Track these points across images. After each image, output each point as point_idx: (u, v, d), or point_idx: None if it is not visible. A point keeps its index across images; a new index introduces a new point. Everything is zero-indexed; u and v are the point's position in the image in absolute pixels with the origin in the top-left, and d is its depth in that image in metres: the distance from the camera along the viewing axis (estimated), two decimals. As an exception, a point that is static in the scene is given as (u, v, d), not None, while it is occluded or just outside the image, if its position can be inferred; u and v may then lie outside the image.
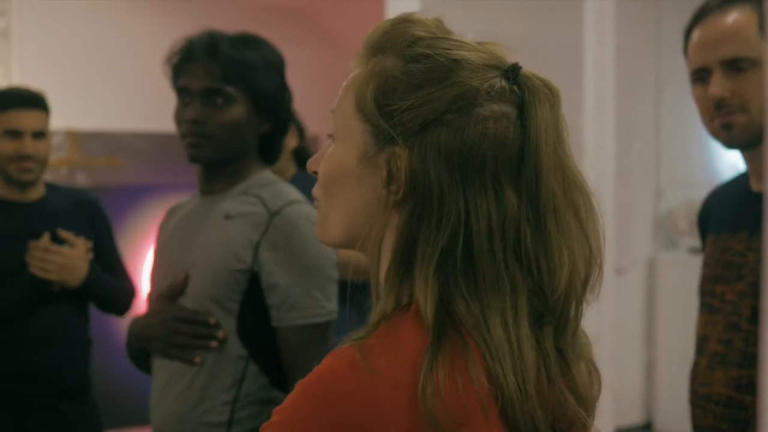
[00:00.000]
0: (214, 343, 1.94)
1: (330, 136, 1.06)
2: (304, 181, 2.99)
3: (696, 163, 5.89)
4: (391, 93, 0.99)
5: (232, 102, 2.02)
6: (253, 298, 1.95)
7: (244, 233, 1.95)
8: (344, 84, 1.04)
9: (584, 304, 1.02)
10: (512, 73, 1.00)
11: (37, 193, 2.95)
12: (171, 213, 2.20)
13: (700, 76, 1.82)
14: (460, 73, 0.98)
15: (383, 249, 0.99)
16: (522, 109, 0.98)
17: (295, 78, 2.98)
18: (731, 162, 5.29)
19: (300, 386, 0.93)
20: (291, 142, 3.02)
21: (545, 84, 1.00)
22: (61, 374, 2.88)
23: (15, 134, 2.86)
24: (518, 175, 0.97)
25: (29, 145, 2.86)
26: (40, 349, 2.83)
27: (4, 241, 2.85)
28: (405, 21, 1.04)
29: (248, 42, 2.07)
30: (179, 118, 2.05)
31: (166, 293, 2.00)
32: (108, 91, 4.82)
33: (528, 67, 1.02)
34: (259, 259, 1.93)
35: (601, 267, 1.02)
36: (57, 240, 2.88)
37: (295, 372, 1.92)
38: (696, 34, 1.83)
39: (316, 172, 1.07)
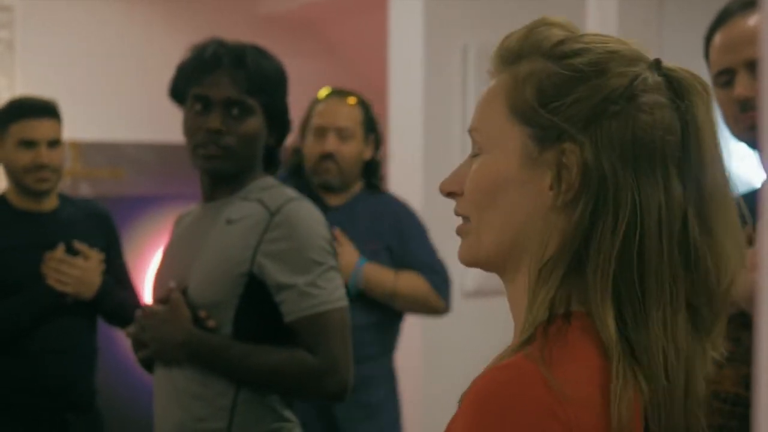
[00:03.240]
0: None
1: (474, 155, 1.01)
2: (372, 201, 2.97)
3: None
4: (553, 89, 0.95)
5: (251, 113, 2.03)
6: (250, 301, 1.96)
7: (243, 237, 1.96)
8: (481, 99, 1.01)
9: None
10: (657, 66, 0.98)
11: (51, 203, 2.95)
12: (178, 222, 2.22)
13: (723, 78, 1.83)
14: (620, 63, 0.96)
15: (533, 259, 0.95)
16: (676, 100, 0.96)
17: (298, 90, 2.98)
18: (740, 164, 5.27)
19: (474, 400, 0.89)
20: (367, 153, 2.99)
21: (694, 76, 0.98)
22: (70, 385, 2.88)
23: (30, 144, 2.85)
24: (681, 164, 0.95)
25: (45, 155, 2.85)
26: (51, 360, 2.83)
27: (19, 252, 2.84)
28: (542, 25, 1.00)
29: (263, 54, 2.07)
30: (194, 127, 2.03)
31: (164, 299, 2.01)
32: (110, 102, 4.83)
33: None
34: (259, 261, 1.94)
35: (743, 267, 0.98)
36: (71, 251, 2.87)
37: (320, 363, 1.92)
38: (718, 38, 1.84)
39: (450, 194, 1.03)
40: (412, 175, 4.06)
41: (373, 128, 3.00)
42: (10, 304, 2.80)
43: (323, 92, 3.01)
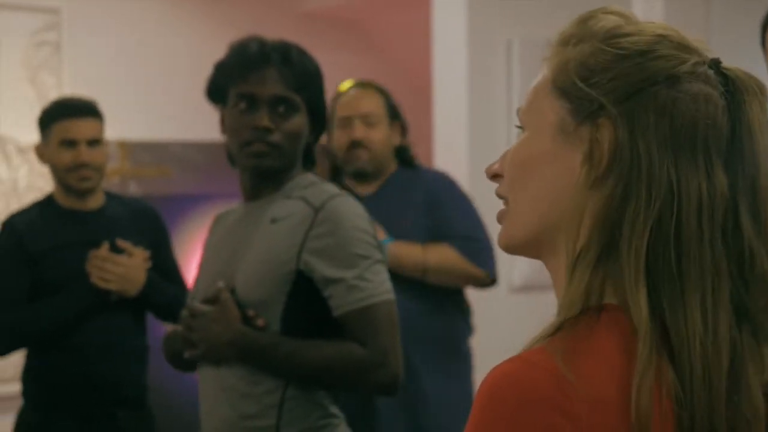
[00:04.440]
0: None
1: (519, 126, 1.01)
2: (403, 177, 2.97)
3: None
4: (597, 65, 0.94)
5: (296, 111, 2.03)
6: (298, 298, 1.97)
7: (289, 235, 1.97)
8: (536, 80, 1.00)
9: None
10: (714, 64, 0.96)
11: (96, 201, 2.98)
12: (217, 221, 2.22)
13: None
14: (667, 46, 0.95)
15: (568, 240, 0.93)
16: (728, 97, 0.94)
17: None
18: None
19: (483, 393, 0.87)
20: (395, 139, 2.99)
21: (751, 77, 0.96)
22: (119, 383, 2.91)
23: (70, 143, 2.89)
24: (728, 158, 0.92)
25: (85, 153, 2.88)
26: (99, 357, 2.86)
27: (65, 250, 2.88)
28: (600, 12, 0.99)
29: (302, 50, 2.08)
30: (240, 125, 2.02)
31: (212, 299, 2.02)
32: (157, 101, 4.87)
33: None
34: (305, 258, 1.95)
35: None
36: (116, 249, 2.91)
37: (371, 355, 1.93)
38: None
39: (495, 176, 1.02)
40: (457, 172, 4.04)
41: (397, 115, 3.00)
42: (56, 302, 2.84)
43: (344, 85, 3.01)
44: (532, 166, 0.97)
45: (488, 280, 2.94)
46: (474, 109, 4.04)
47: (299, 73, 2.03)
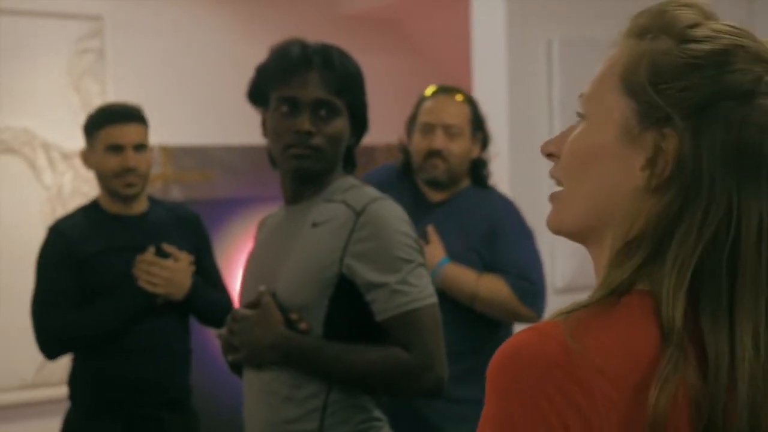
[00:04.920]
0: None
1: (579, 114, 1.00)
2: (474, 196, 2.95)
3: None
4: (667, 71, 0.92)
5: (338, 114, 2.03)
6: (340, 302, 1.97)
7: (331, 239, 1.97)
8: (601, 68, 0.99)
9: None
10: None
11: (140, 206, 3.02)
12: (262, 225, 2.23)
13: None
14: (744, 59, 0.92)
15: (616, 237, 0.93)
16: None
17: (382, 87, 3.00)
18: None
19: (494, 361, 0.88)
20: (474, 152, 2.96)
21: None
22: (164, 385, 2.93)
23: (117, 149, 2.91)
24: None
25: (131, 158, 2.91)
26: (145, 360, 2.90)
27: (111, 255, 2.91)
28: (677, 4, 0.96)
29: (344, 53, 2.08)
30: (282, 129, 2.03)
31: (254, 302, 2.02)
32: (199, 106, 4.91)
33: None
34: (347, 262, 1.94)
35: None
36: (161, 253, 2.94)
37: (416, 360, 1.92)
38: None
39: (550, 155, 1.01)
40: (497, 172, 4.03)
41: (480, 126, 2.98)
42: (104, 306, 2.87)
43: (430, 89, 3.00)
44: (591, 159, 0.96)
45: (533, 321, 2.89)
46: (514, 109, 4.02)
47: (341, 76, 2.03)
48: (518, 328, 3.44)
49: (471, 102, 2.99)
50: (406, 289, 1.93)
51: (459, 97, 2.97)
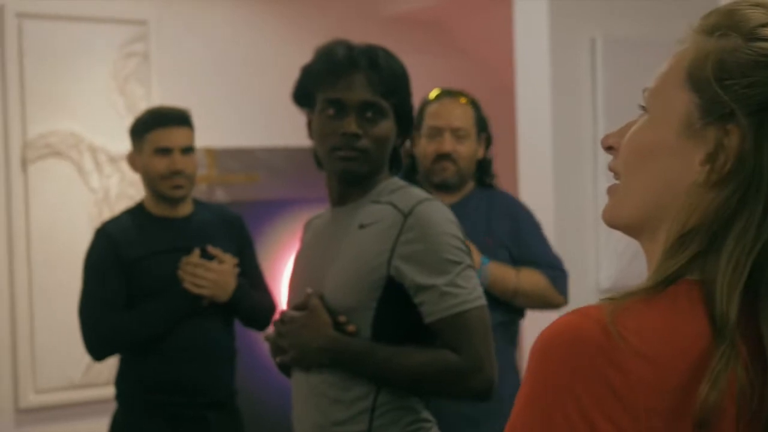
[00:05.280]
0: None
1: (642, 107, 1.00)
2: (484, 195, 2.99)
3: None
4: (734, 67, 0.92)
5: (384, 116, 2.02)
6: (388, 304, 1.96)
7: (378, 241, 1.96)
8: (667, 63, 0.99)
9: None
10: None
11: (186, 209, 3.04)
12: (308, 226, 2.23)
13: None
14: None
15: (671, 231, 0.93)
16: None
17: (426, 88, 3.00)
18: None
19: (537, 343, 0.89)
20: (480, 152, 3.00)
21: None
22: (210, 386, 2.96)
23: (164, 152, 2.94)
24: None
25: (179, 161, 2.94)
26: (190, 361, 2.92)
27: (157, 257, 2.94)
28: (748, 4, 0.97)
29: (390, 54, 2.06)
30: (328, 131, 2.02)
31: (302, 305, 2.02)
32: (243, 108, 4.94)
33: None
34: (395, 264, 1.94)
35: None
36: (206, 255, 2.96)
37: (465, 362, 1.92)
38: None
39: (609, 148, 1.02)
40: (541, 172, 4.02)
41: (484, 127, 3.01)
42: (150, 308, 2.90)
43: (434, 93, 3.01)
44: (650, 153, 0.97)
45: (564, 306, 3.02)
46: (557, 108, 4.00)
47: (387, 78, 2.02)
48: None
49: (474, 104, 3.01)
50: (455, 291, 1.92)
51: (463, 100, 2.99)
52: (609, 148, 1.02)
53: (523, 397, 0.89)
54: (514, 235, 2.94)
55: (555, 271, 2.95)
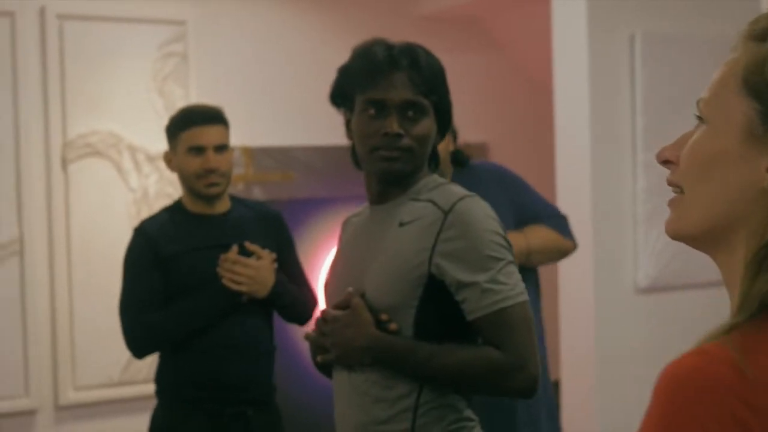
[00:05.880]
0: None
1: (699, 118, 0.99)
2: (465, 175, 2.96)
3: None
4: None
5: (425, 114, 2.01)
6: (430, 302, 1.95)
7: (419, 239, 1.95)
8: (719, 71, 0.99)
9: None
10: None
11: (223, 206, 3.06)
12: (346, 225, 2.22)
13: None
14: None
15: (749, 242, 0.93)
16: None
17: (464, 86, 2.99)
18: None
19: (665, 385, 0.88)
20: (450, 145, 3.01)
21: None
22: (249, 381, 2.97)
23: (198, 150, 2.96)
24: None
25: (213, 159, 2.95)
26: (231, 358, 2.93)
27: (195, 254, 2.96)
28: None
29: (428, 52, 2.05)
30: (369, 131, 2.00)
31: (342, 304, 2.02)
32: (280, 107, 4.96)
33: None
34: (436, 261, 1.93)
35: None
36: (244, 252, 2.97)
37: (509, 359, 1.90)
38: None
39: (665, 162, 1.01)
40: (579, 170, 3.99)
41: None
42: (190, 305, 2.91)
43: None
44: (714, 163, 0.95)
45: (575, 249, 3.04)
46: (596, 105, 3.97)
47: (427, 77, 2.00)
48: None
49: None
50: (497, 287, 1.91)
51: None
52: (665, 162, 1.01)
53: None
54: (513, 198, 2.94)
55: (557, 219, 2.97)
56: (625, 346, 3.96)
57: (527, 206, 2.95)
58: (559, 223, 2.97)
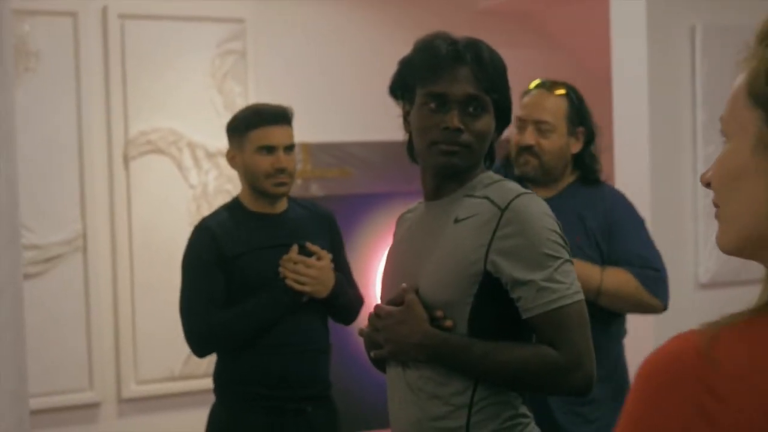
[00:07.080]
0: None
1: (723, 135, 1.00)
2: (582, 193, 2.88)
3: None
4: None
5: (486, 110, 2.00)
6: (485, 299, 1.94)
7: (475, 235, 1.94)
8: (736, 82, 0.99)
9: None
10: None
11: (282, 205, 3.07)
12: (401, 220, 2.22)
13: None
14: None
15: None
16: None
17: (521, 83, 2.96)
18: None
19: (639, 371, 0.90)
20: (574, 147, 2.88)
21: None
22: (309, 379, 2.98)
23: (268, 150, 2.97)
24: None
25: (283, 159, 2.96)
26: (291, 356, 2.95)
27: (257, 253, 2.97)
28: None
29: (493, 49, 2.04)
30: (429, 125, 1.99)
31: (397, 300, 2.01)
32: (337, 103, 4.98)
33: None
34: (492, 259, 1.92)
35: None
36: (303, 251, 2.98)
37: (565, 358, 1.90)
38: None
39: (708, 184, 1.02)
40: (638, 164, 3.95)
41: (582, 121, 2.89)
42: (252, 305, 2.92)
43: (533, 83, 2.94)
44: (736, 179, 0.95)
45: (661, 311, 2.84)
46: (655, 100, 3.92)
47: (490, 73, 1.99)
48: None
49: (571, 96, 2.89)
50: (553, 286, 1.89)
51: (559, 91, 2.89)
52: (708, 184, 1.01)
53: (626, 417, 0.89)
54: (607, 233, 2.81)
55: (647, 270, 2.77)
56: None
57: (620, 245, 2.79)
58: (647, 274, 2.77)
